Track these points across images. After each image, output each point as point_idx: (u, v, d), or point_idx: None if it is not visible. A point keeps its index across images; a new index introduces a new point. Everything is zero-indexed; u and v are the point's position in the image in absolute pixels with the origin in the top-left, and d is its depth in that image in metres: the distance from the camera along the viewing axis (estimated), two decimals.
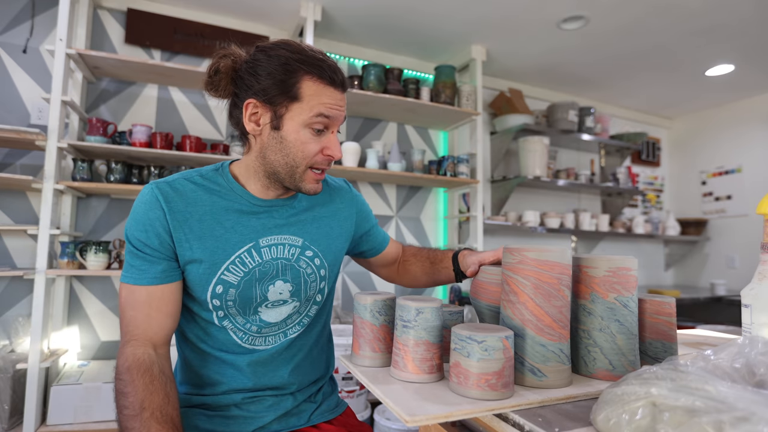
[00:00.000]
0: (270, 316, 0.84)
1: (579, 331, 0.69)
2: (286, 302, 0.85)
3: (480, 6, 2.24)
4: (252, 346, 0.84)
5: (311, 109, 0.75)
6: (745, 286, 0.70)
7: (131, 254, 0.78)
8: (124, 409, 0.69)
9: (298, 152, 0.77)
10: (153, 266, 0.77)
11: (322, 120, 0.76)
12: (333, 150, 0.79)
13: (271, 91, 0.75)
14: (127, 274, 0.78)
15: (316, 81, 0.76)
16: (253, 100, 0.77)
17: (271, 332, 0.86)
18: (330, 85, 0.77)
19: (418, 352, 0.64)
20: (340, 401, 0.99)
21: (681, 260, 3.81)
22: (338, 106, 0.78)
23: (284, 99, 0.75)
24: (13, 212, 1.98)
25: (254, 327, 0.84)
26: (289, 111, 0.76)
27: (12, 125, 1.77)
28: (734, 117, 3.54)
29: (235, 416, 0.83)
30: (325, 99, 0.76)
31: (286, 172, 0.79)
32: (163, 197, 0.77)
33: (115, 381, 0.73)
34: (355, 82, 2.43)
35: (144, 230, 0.76)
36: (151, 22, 2.24)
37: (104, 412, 1.78)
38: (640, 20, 2.35)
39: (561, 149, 3.40)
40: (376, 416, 1.99)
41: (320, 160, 0.79)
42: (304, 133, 0.77)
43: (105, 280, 2.11)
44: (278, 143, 0.77)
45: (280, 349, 0.87)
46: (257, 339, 0.85)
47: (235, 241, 0.80)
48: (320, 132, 0.78)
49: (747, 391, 0.41)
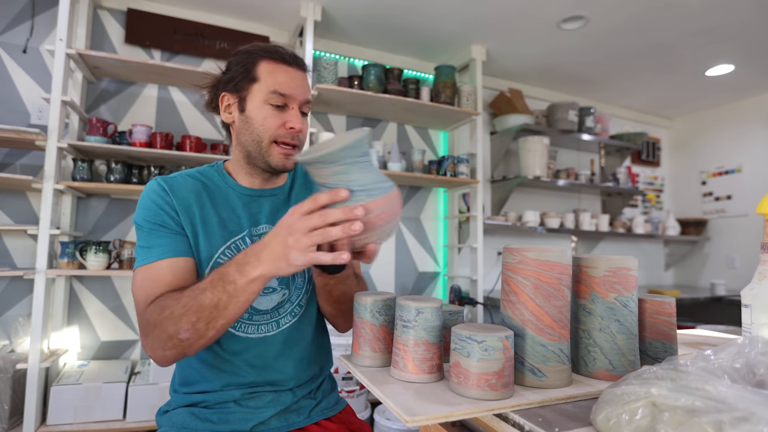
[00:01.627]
0: (261, 303, 0.87)
1: (579, 331, 0.69)
2: (276, 290, 0.88)
3: (480, 6, 2.24)
4: (245, 334, 0.86)
5: (267, 86, 0.83)
6: (745, 286, 0.70)
7: (148, 234, 0.80)
8: (166, 309, 0.71)
9: (260, 127, 0.84)
10: (173, 240, 0.80)
11: (278, 96, 0.83)
12: (293, 122, 0.85)
13: (236, 78, 0.85)
14: (145, 255, 0.79)
15: (271, 62, 0.85)
16: (225, 93, 0.88)
17: (263, 320, 0.87)
18: (283, 63, 0.85)
19: (418, 352, 0.64)
20: (340, 399, 1.00)
21: (681, 260, 3.81)
22: (293, 84, 0.85)
23: (246, 83, 0.84)
24: (13, 212, 1.98)
25: (246, 314, 0.86)
26: (250, 93, 0.85)
27: (12, 125, 1.77)
28: (734, 117, 3.54)
29: (234, 412, 0.84)
30: (279, 77, 0.84)
31: (255, 150, 0.85)
32: (168, 186, 0.84)
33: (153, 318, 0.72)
34: (355, 82, 2.43)
35: (157, 212, 0.81)
36: (151, 22, 2.24)
37: (104, 412, 1.78)
38: (640, 20, 2.35)
39: (561, 149, 3.40)
40: (376, 416, 1.99)
41: (283, 133, 0.85)
42: (264, 109, 0.84)
43: (105, 280, 2.11)
44: (245, 124, 0.85)
45: (276, 341, 0.88)
46: (249, 326, 0.86)
47: (231, 229, 0.86)
48: (280, 108, 0.84)
49: (747, 391, 0.41)
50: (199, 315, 0.68)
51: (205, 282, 0.70)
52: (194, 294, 0.69)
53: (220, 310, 0.68)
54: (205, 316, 0.68)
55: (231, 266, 0.68)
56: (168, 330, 0.70)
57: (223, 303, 0.67)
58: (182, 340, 0.69)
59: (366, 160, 0.62)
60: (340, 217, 0.59)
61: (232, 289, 0.67)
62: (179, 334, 0.69)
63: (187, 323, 0.68)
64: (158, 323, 0.70)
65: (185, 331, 0.68)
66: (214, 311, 0.68)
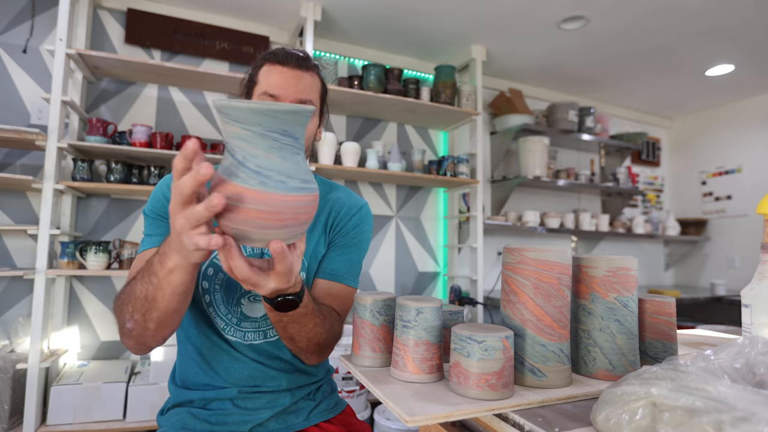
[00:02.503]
0: (250, 310, 0.86)
1: (579, 331, 0.69)
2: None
3: (480, 6, 2.24)
4: (234, 338, 0.86)
5: (260, 89, 0.85)
6: (745, 286, 0.70)
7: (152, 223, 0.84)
8: (118, 298, 0.70)
9: None
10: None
11: (266, 98, 0.84)
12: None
13: (248, 85, 0.89)
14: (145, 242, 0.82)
15: (269, 64, 0.86)
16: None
17: (250, 328, 0.86)
18: (278, 63, 0.85)
19: (418, 352, 0.64)
20: (340, 400, 0.99)
21: (681, 260, 3.81)
22: (284, 84, 0.85)
23: (251, 88, 0.88)
24: (13, 212, 1.98)
25: (234, 319, 0.86)
26: (252, 97, 0.87)
27: (12, 125, 1.77)
28: (734, 117, 3.54)
29: (232, 413, 0.83)
30: (272, 78, 0.85)
31: None
32: None
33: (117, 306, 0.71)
34: (355, 82, 2.43)
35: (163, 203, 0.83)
36: (151, 22, 2.24)
37: (104, 412, 1.78)
38: (640, 20, 2.35)
39: (561, 149, 3.40)
40: (376, 416, 1.99)
41: None
42: None
43: (105, 280, 2.11)
44: None
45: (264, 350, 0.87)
46: (237, 332, 0.86)
47: None
48: None
49: (747, 391, 0.41)
50: (134, 306, 0.66)
51: (139, 272, 0.67)
52: (131, 285, 0.68)
53: (150, 301, 0.65)
54: (139, 307, 0.66)
55: (156, 256, 0.63)
56: (120, 318, 0.70)
57: (151, 295, 0.64)
58: (130, 330, 0.69)
59: (285, 143, 0.51)
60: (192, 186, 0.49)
61: (156, 281, 0.63)
62: (126, 323, 0.68)
63: (128, 314, 0.67)
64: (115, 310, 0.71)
65: (129, 320, 0.68)
66: (146, 303, 0.65)
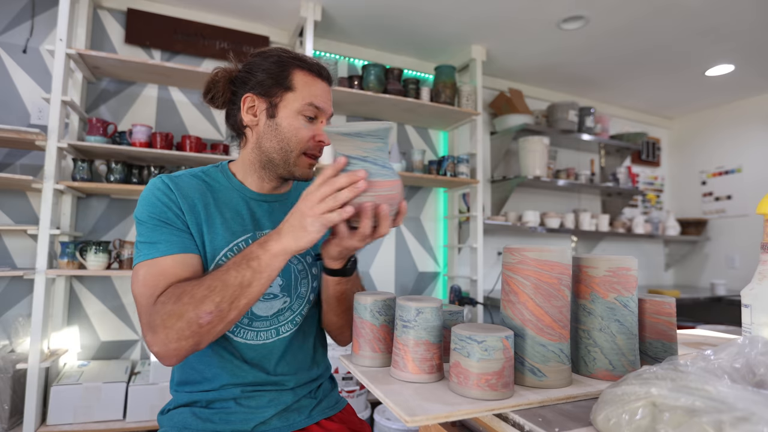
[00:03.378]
0: (260, 308, 0.86)
1: (579, 331, 0.69)
2: (277, 296, 0.88)
3: (480, 6, 2.24)
4: (244, 340, 0.85)
5: (303, 98, 0.84)
6: (745, 286, 0.70)
7: (152, 230, 0.78)
8: (185, 295, 0.70)
9: (293, 137, 0.84)
10: (179, 237, 0.79)
11: (312, 109, 0.85)
12: (322, 136, 0.86)
13: (267, 83, 0.85)
14: (149, 250, 0.77)
15: (306, 73, 0.86)
16: (250, 94, 0.86)
17: (262, 327, 0.86)
18: (318, 77, 0.87)
19: (418, 352, 0.64)
20: (340, 398, 1.00)
21: (681, 260, 3.81)
22: (326, 98, 0.87)
23: (279, 89, 0.84)
24: (13, 212, 1.98)
25: (245, 319, 0.85)
26: (283, 100, 0.84)
27: (12, 125, 1.77)
28: (734, 117, 3.54)
29: (235, 412, 0.84)
30: (314, 90, 0.85)
31: (281, 158, 0.86)
32: (173, 184, 0.83)
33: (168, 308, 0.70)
34: (355, 82, 2.43)
35: (162, 209, 0.80)
36: (151, 22, 2.24)
37: (104, 412, 1.78)
38: (640, 20, 2.35)
39: (561, 149, 3.40)
40: (376, 416, 1.99)
41: (312, 145, 0.86)
42: (297, 119, 0.84)
43: (105, 280, 2.11)
44: (273, 130, 0.85)
45: (276, 348, 0.87)
46: (248, 332, 0.86)
47: (234, 230, 0.85)
48: (311, 120, 0.86)
49: (747, 391, 0.41)
50: (224, 294, 0.69)
51: (227, 264, 0.72)
52: (218, 275, 0.71)
53: (244, 287, 0.70)
54: (229, 294, 0.69)
55: (253, 246, 0.71)
56: (187, 315, 0.69)
57: (248, 280, 0.70)
58: (201, 326, 0.69)
59: (385, 147, 0.71)
60: (347, 181, 0.66)
61: (256, 265, 0.70)
62: (200, 318, 0.69)
63: (210, 304, 0.69)
64: (174, 311, 0.69)
65: (208, 314, 0.69)
66: (239, 289, 0.70)
